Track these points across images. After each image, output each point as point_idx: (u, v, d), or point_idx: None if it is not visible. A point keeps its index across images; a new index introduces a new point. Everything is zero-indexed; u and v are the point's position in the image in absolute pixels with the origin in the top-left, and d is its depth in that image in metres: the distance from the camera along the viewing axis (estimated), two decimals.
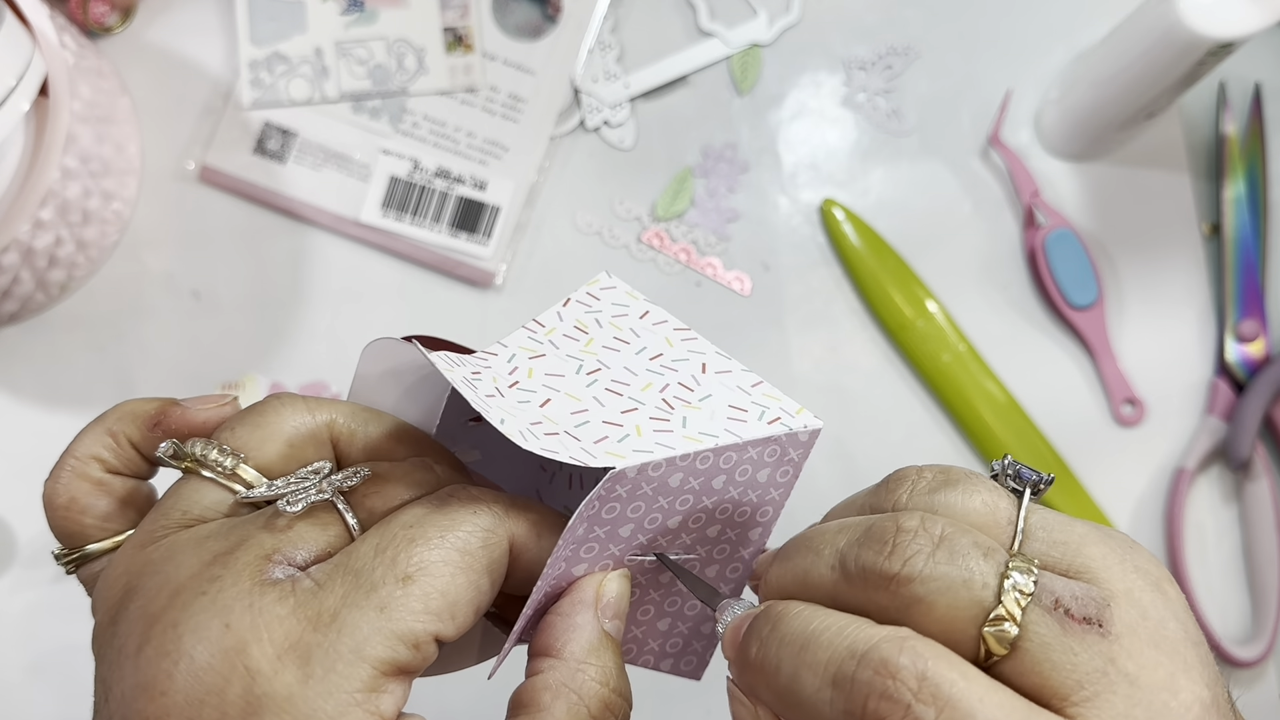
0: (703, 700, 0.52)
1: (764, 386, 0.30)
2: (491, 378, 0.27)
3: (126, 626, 0.23)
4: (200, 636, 0.22)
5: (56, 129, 0.44)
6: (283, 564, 0.23)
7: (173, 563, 0.23)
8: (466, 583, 0.23)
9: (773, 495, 0.29)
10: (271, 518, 0.24)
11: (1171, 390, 0.54)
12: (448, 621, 0.23)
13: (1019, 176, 0.54)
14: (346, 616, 0.22)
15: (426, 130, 0.53)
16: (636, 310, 0.32)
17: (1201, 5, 0.44)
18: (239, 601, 0.22)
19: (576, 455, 0.25)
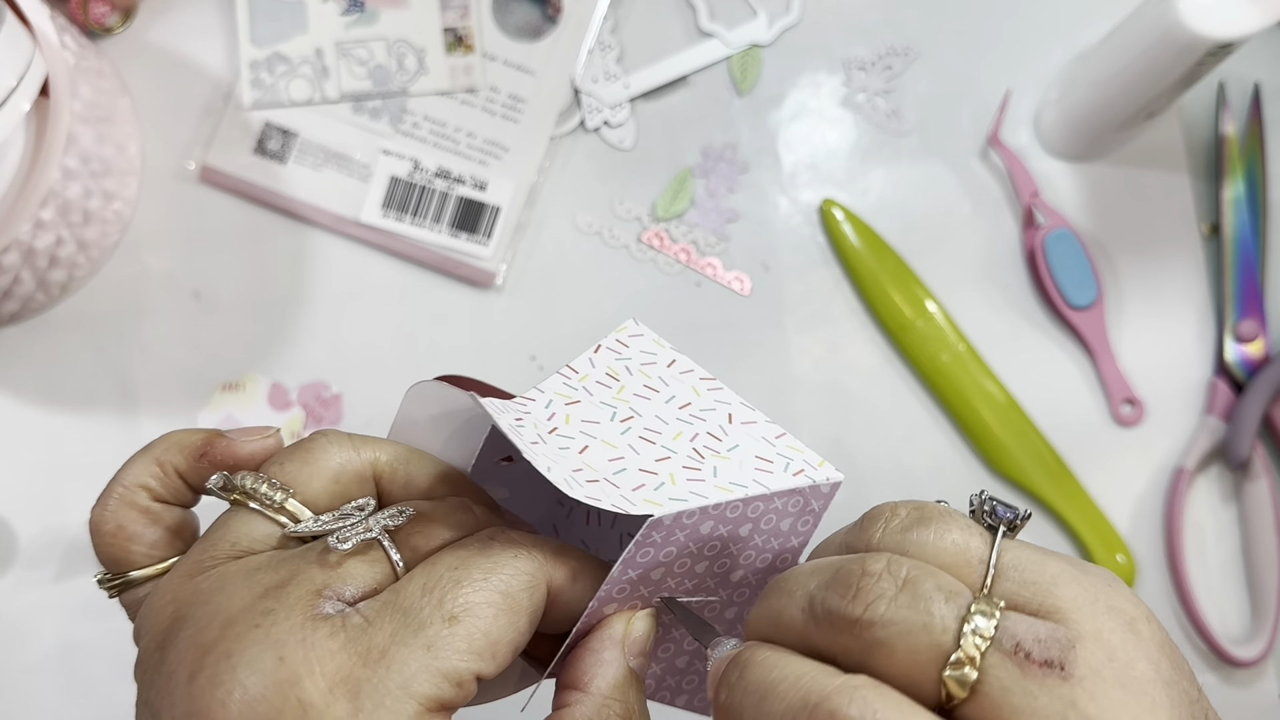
0: None
1: (787, 439, 0.31)
2: (533, 424, 0.29)
3: (176, 655, 0.24)
4: (254, 668, 0.22)
5: (57, 129, 0.44)
6: (333, 599, 0.24)
7: (224, 593, 0.24)
8: (508, 624, 0.24)
9: (793, 544, 0.30)
10: (322, 553, 0.25)
11: (1171, 390, 0.54)
12: (489, 661, 0.24)
13: (1018, 177, 0.54)
14: (395, 653, 0.23)
15: (427, 130, 0.53)
16: (664, 359, 0.33)
17: (1201, 6, 0.44)
18: (292, 635, 0.23)
19: (618, 503, 0.26)
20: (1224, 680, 0.53)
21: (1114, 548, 0.52)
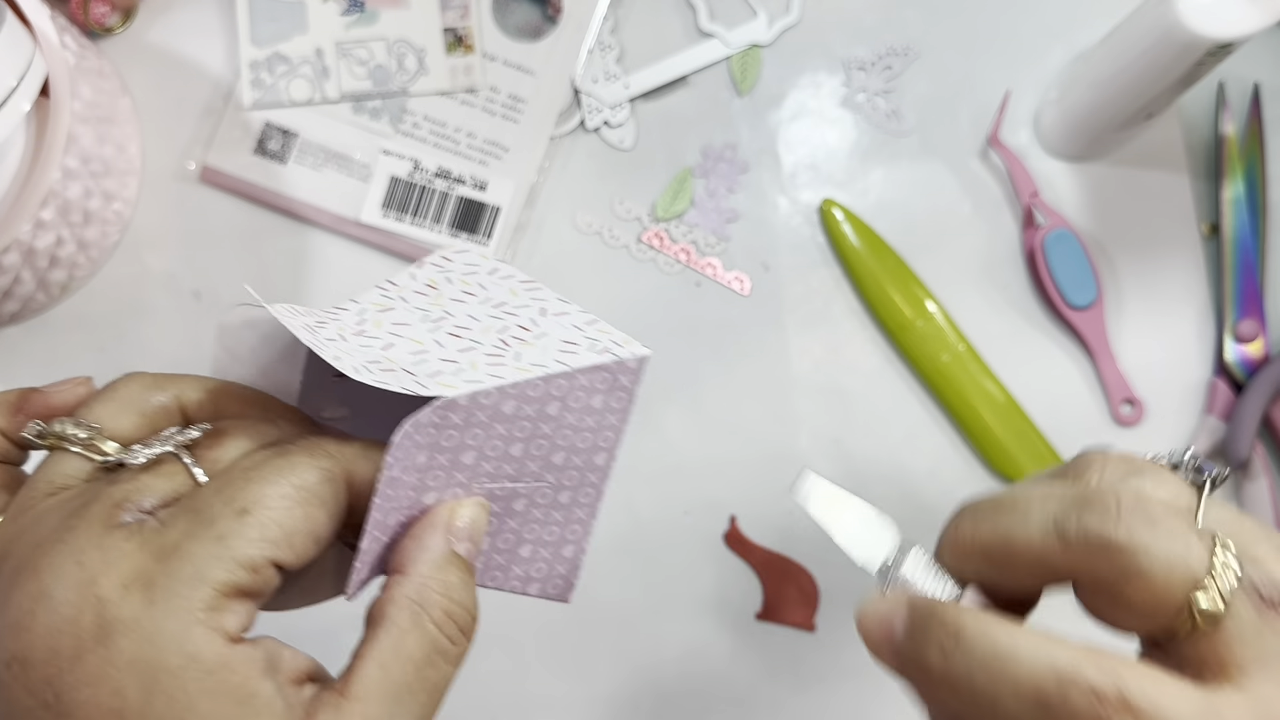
0: (704, 696, 0.52)
1: (599, 324, 0.32)
2: (337, 328, 0.30)
3: (6, 610, 0.25)
4: (57, 576, 0.24)
5: (57, 129, 0.44)
6: (132, 510, 0.25)
7: (38, 524, 0.26)
8: (303, 515, 0.26)
9: (611, 421, 0.31)
10: (119, 473, 0.27)
11: (1170, 390, 0.54)
12: (285, 549, 0.25)
13: (1018, 177, 0.54)
14: (187, 547, 0.24)
15: (427, 131, 0.53)
16: (486, 268, 0.34)
17: (1201, 6, 0.44)
18: (90, 543, 0.24)
19: (409, 386, 0.28)
20: None
21: None
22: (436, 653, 0.27)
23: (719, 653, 0.52)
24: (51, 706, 0.23)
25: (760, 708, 0.52)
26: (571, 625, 0.52)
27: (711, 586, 0.52)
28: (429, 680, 0.27)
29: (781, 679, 0.52)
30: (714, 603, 0.52)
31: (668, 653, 0.52)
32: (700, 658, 0.52)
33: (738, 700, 0.52)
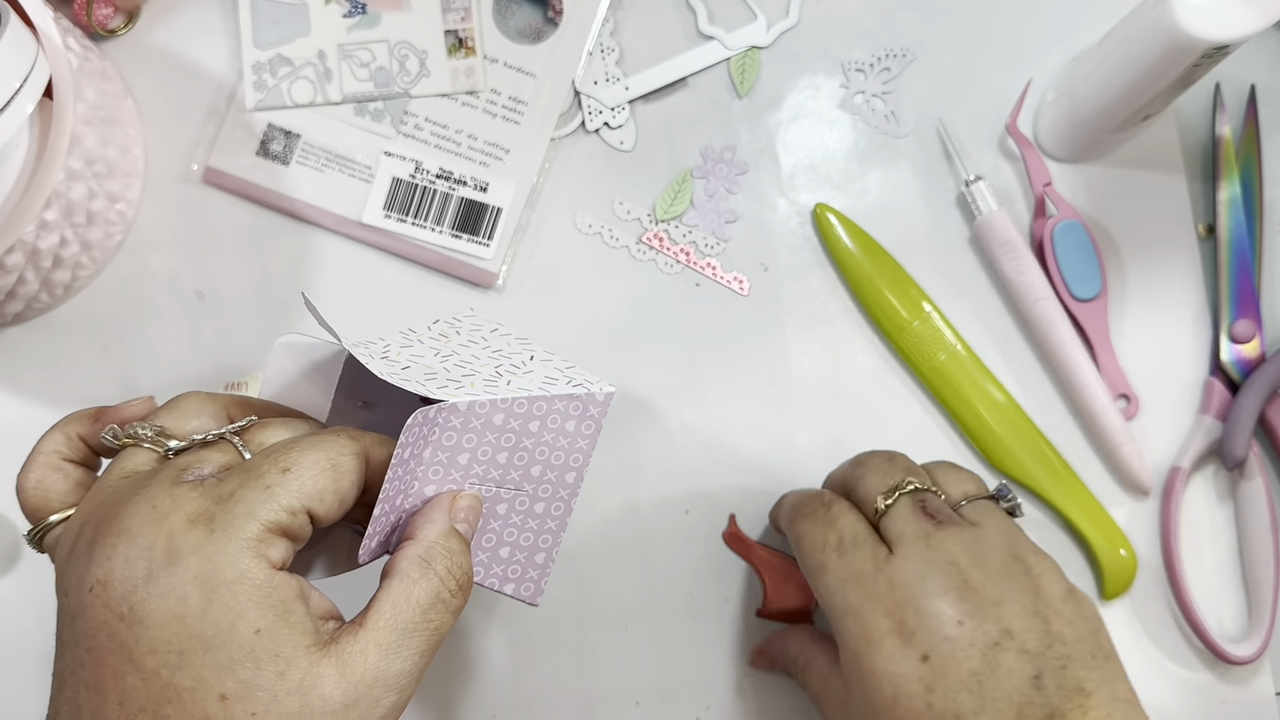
0: (703, 695, 0.52)
1: (578, 369, 0.39)
2: (365, 347, 0.37)
3: (83, 545, 0.31)
4: (134, 515, 0.30)
5: (61, 131, 0.45)
6: (194, 473, 0.32)
7: (117, 494, 0.32)
8: (331, 479, 0.32)
9: (581, 445, 0.38)
10: (182, 453, 0.33)
11: (1165, 388, 0.54)
12: (317, 502, 0.31)
13: (1033, 165, 0.54)
14: (241, 493, 0.31)
15: (429, 132, 0.53)
16: (489, 327, 0.42)
17: (1197, 8, 0.44)
18: (161, 492, 0.31)
19: (417, 389, 0.34)
20: (1220, 678, 0.53)
21: (1116, 543, 0.52)
22: (439, 600, 0.33)
23: (719, 651, 0.52)
24: (126, 617, 0.29)
25: (761, 705, 0.52)
26: (571, 623, 0.52)
27: (711, 585, 0.52)
28: (432, 622, 0.32)
29: (782, 677, 0.52)
30: (714, 601, 0.52)
31: (668, 651, 0.52)
32: (700, 656, 0.52)
33: (739, 698, 0.52)
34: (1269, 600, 0.52)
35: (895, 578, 0.37)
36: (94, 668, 0.29)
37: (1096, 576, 0.53)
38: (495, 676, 0.52)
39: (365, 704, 0.30)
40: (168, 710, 0.29)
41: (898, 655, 0.35)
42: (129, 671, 0.29)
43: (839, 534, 0.39)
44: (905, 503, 0.39)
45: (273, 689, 0.29)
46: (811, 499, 0.42)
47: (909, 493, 0.40)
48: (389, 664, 0.31)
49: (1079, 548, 0.54)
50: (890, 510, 0.39)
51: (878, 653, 0.36)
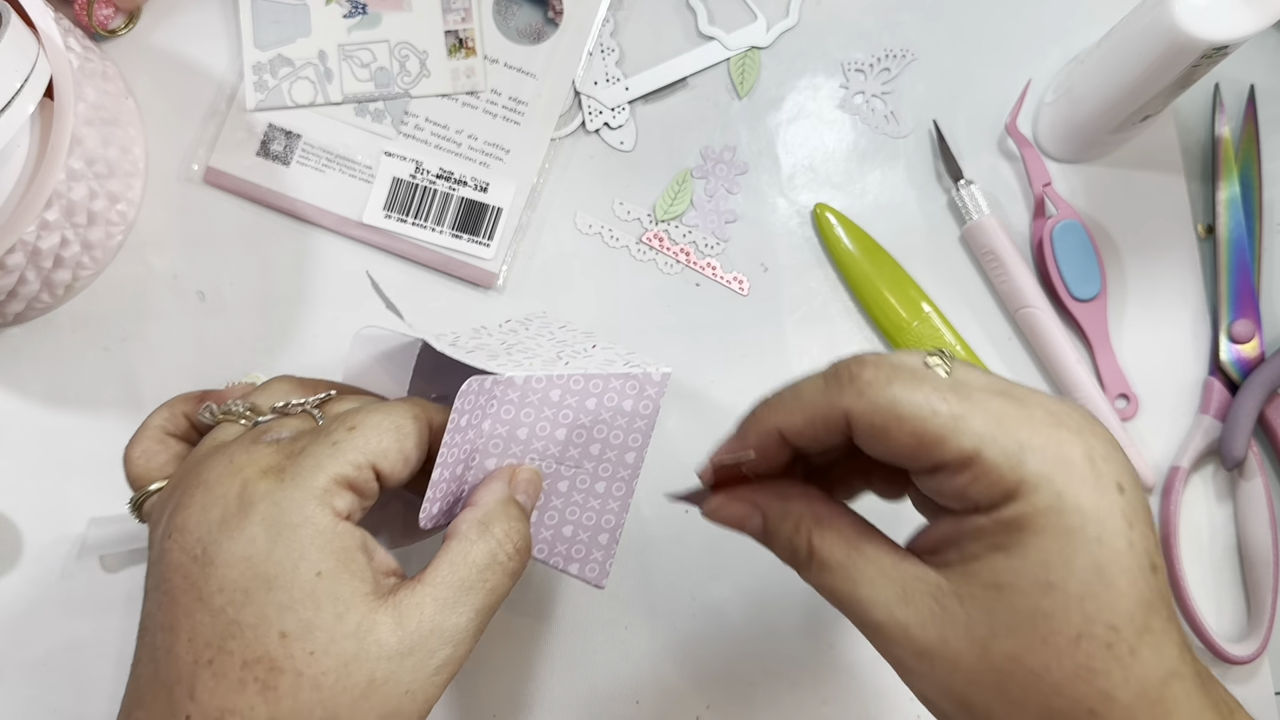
0: (703, 694, 0.52)
1: (638, 355, 0.40)
2: (436, 337, 0.39)
3: (170, 501, 0.33)
4: (212, 469, 0.33)
5: (62, 131, 0.45)
6: (271, 436, 0.34)
7: (200, 457, 0.35)
8: (395, 439, 0.34)
9: (639, 425, 0.39)
10: (265, 421, 0.36)
11: (1165, 388, 0.54)
12: (382, 460, 0.34)
13: (1032, 165, 0.54)
14: (311, 449, 0.33)
15: (429, 133, 0.54)
16: (557, 324, 0.44)
17: (1197, 8, 0.44)
18: (239, 450, 0.34)
19: (480, 365, 0.36)
20: (1220, 678, 0.53)
21: None
22: (495, 560, 0.34)
23: (719, 651, 0.52)
24: (199, 559, 0.31)
25: (761, 705, 0.52)
26: (571, 623, 0.52)
27: (711, 585, 0.52)
28: (488, 582, 0.34)
29: (784, 674, 0.52)
30: (714, 601, 0.52)
31: (668, 651, 0.52)
32: (700, 656, 0.52)
33: (739, 698, 0.52)
34: (1268, 600, 0.52)
35: (1048, 406, 0.29)
36: (168, 608, 0.31)
37: None
38: (495, 676, 0.52)
39: (420, 654, 0.32)
40: (231, 645, 0.30)
41: (1100, 485, 0.28)
42: (199, 609, 0.31)
43: (939, 380, 0.30)
44: (960, 361, 0.32)
45: (331, 630, 0.31)
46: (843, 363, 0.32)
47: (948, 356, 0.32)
48: (444, 618, 0.32)
49: None
50: (955, 368, 0.31)
51: (1083, 484, 0.28)
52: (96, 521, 0.50)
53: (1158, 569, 0.28)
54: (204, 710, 0.30)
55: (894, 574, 0.30)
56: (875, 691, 0.52)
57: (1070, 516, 0.28)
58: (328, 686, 0.30)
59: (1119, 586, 0.28)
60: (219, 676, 0.30)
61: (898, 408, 0.29)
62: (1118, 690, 0.27)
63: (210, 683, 0.30)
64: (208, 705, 0.30)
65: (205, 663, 0.30)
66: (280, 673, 0.30)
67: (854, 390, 0.30)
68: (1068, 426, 0.29)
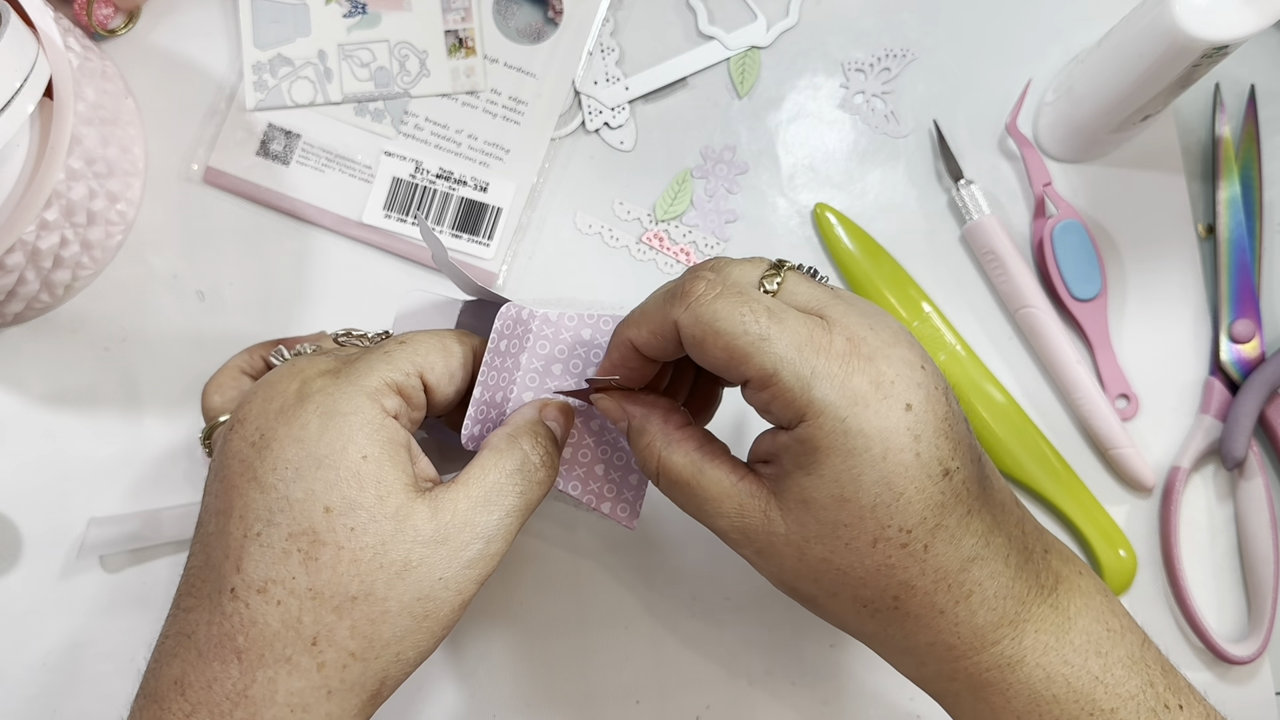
0: (703, 694, 0.52)
1: None
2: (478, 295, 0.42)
3: (239, 407, 0.36)
4: (276, 373, 0.36)
5: (61, 131, 0.45)
6: (332, 355, 0.37)
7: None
8: (441, 356, 0.37)
9: None
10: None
11: (1166, 388, 0.54)
12: (429, 371, 0.36)
13: (1032, 165, 0.54)
14: (364, 358, 0.36)
15: (429, 132, 0.54)
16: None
17: (1197, 8, 0.44)
18: (302, 359, 0.36)
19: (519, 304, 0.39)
20: (1220, 678, 0.53)
21: (1116, 543, 0.52)
22: (525, 466, 0.36)
23: (719, 651, 0.52)
24: (256, 444, 0.33)
25: (761, 705, 0.52)
26: (571, 623, 0.52)
27: (711, 585, 0.52)
28: (517, 486, 0.36)
29: (786, 671, 0.52)
30: (714, 601, 0.52)
31: (668, 651, 0.52)
32: (700, 656, 0.52)
33: (739, 698, 0.52)
34: (1269, 600, 0.52)
35: (850, 333, 0.33)
36: (223, 493, 0.34)
37: None
38: (495, 676, 0.52)
39: (453, 544, 0.34)
40: (279, 519, 0.32)
41: (884, 408, 0.32)
42: (252, 488, 0.33)
43: (763, 303, 0.33)
44: (794, 275, 0.35)
45: (372, 510, 0.33)
46: (684, 277, 0.35)
47: (792, 268, 0.35)
48: (476, 514, 0.34)
49: (1079, 547, 0.54)
50: (784, 286, 0.35)
51: (865, 409, 0.31)
52: (96, 521, 0.50)
53: (951, 473, 0.32)
54: (248, 580, 0.32)
55: (731, 492, 0.35)
56: (875, 692, 0.52)
57: (854, 439, 0.31)
58: (365, 561, 0.32)
59: (908, 494, 0.32)
60: (265, 547, 0.32)
61: (715, 323, 0.33)
62: (915, 580, 0.32)
63: (256, 554, 0.32)
64: (252, 575, 0.32)
65: (254, 535, 0.32)
66: (322, 545, 0.32)
67: (683, 304, 0.34)
68: (861, 353, 0.32)
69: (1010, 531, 0.34)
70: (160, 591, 0.51)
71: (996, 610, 0.33)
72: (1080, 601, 0.35)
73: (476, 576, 0.35)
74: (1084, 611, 0.34)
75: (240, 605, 0.32)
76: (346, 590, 0.32)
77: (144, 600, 0.51)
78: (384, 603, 0.33)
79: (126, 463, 0.52)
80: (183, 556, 0.51)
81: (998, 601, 0.33)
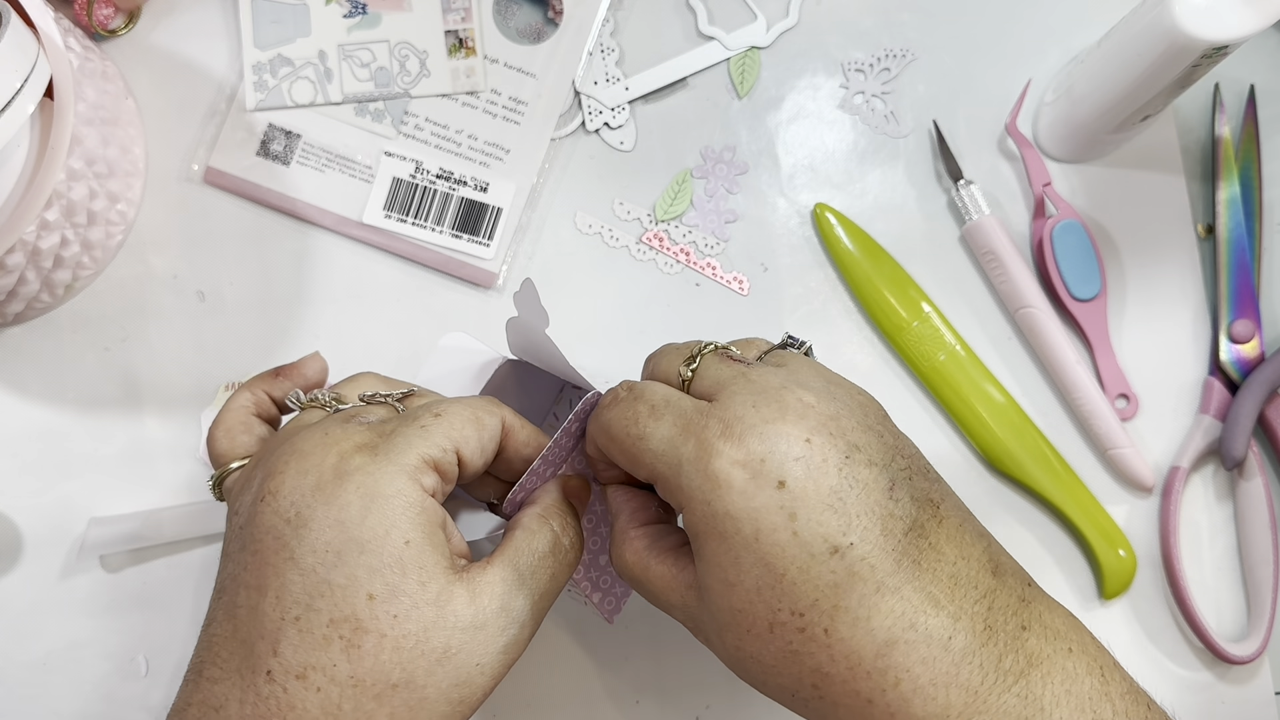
0: (703, 695, 0.52)
1: None
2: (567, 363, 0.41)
3: (259, 470, 0.35)
4: (306, 440, 0.34)
5: (62, 131, 0.45)
6: (360, 420, 0.36)
7: (289, 433, 0.36)
8: (474, 430, 0.36)
9: None
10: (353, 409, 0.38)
11: (1165, 388, 0.54)
12: (463, 446, 0.35)
13: (1032, 165, 0.54)
14: (401, 431, 0.35)
15: (429, 133, 0.54)
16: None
17: (1196, 8, 0.44)
18: (333, 426, 0.35)
19: (588, 382, 0.39)
20: (1220, 678, 0.53)
21: (1116, 543, 0.52)
22: (556, 549, 0.36)
23: None
24: (292, 521, 0.32)
25: (762, 703, 0.52)
26: (572, 623, 0.52)
27: None
28: (549, 569, 0.36)
29: None
30: None
31: (668, 651, 0.52)
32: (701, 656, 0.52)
33: (739, 698, 0.52)
34: (1268, 600, 0.52)
35: (726, 414, 0.32)
36: (257, 568, 0.33)
37: (1096, 576, 0.53)
38: None
39: (490, 630, 0.33)
40: (320, 604, 0.32)
41: (750, 488, 0.31)
42: (289, 568, 0.32)
43: (649, 401, 0.34)
44: (710, 358, 0.36)
45: (414, 596, 0.32)
46: (608, 391, 0.37)
47: (709, 351, 0.36)
48: (511, 599, 0.34)
49: (1078, 547, 0.54)
50: (697, 370, 0.36)
51: (729, 491, 0.31)
52: (96, 521, 0.50)
53: (841, 550, 0.30)
54: (286, 665, 0.31)
55: (673, 585, 0.35)
56: None
57: (722, 521, 0.31)
58: (407, 649, 0.32)
59: (790, 575, 0.30)
60: (304, 633, 0.31)
61: (609, 430, 0.35)
62: (826, 667, 0.30)
63: (295, 638, 0.31)
64: (291, 660, 0.31)
65: (292, 619, 0.32)
66: (365, 632, 0.32)
67: (595, 416, 0.37)
68: (733, 433, 0.32)
69: (962, 608, 0.30)
70: (160, 591, 0.51)
71: (938, 700, 0.29)
72: (1059, 689, 0.30)
73: (509, 661, 0.34)
74: (1063, 701, 0.30)
75: (277, 689, 0.31)
76: (388, 678, 0.32)
77: (144, 600, 0.51)
78: (423, 690, 0.32)
79: (126, 463, 0.52)
80: (183, 556, 0.51)
81: (937, 690, 0.29)
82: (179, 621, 0.51)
